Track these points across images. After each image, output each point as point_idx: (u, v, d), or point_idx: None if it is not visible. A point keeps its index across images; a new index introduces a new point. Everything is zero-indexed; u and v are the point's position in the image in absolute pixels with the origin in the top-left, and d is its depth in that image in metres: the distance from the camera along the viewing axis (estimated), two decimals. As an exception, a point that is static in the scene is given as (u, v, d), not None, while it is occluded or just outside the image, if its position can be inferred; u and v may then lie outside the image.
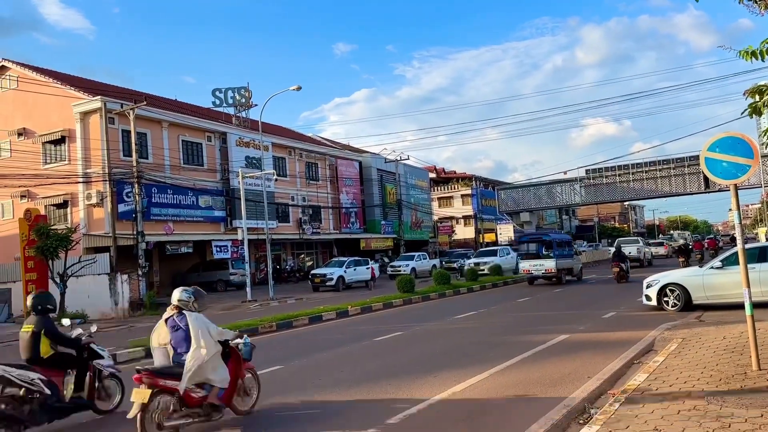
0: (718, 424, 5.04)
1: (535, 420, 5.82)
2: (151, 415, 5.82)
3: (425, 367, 9.12)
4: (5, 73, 32.75)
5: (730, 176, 7.18)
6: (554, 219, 75.67)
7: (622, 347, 9.46)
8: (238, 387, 6.71)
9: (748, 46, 6.24)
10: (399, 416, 6.38)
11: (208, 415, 6.33)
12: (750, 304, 7.02)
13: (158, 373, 6.07)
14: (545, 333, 11.71)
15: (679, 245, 34.52)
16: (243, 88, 39.22)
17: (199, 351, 6.18)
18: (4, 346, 16.84)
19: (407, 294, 22.10)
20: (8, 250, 30.14)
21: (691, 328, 10.70)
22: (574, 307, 16.70)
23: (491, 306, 18.26)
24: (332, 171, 46.05)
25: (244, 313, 21.36)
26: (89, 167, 28.65)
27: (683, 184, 48.88)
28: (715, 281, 13.17)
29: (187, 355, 6.16)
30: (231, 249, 32.22)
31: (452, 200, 72.54)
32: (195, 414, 6.19)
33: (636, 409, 5.67)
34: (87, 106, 29.04)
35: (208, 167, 34.99)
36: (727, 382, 6.44)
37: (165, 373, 6.08)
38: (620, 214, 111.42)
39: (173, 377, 6.04)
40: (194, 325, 6.27)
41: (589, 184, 52.01)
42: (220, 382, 6.36)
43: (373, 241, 47.08)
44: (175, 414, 6.01)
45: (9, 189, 28.79)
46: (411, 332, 13.41)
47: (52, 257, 22.87)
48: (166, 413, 5.95)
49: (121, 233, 27.07)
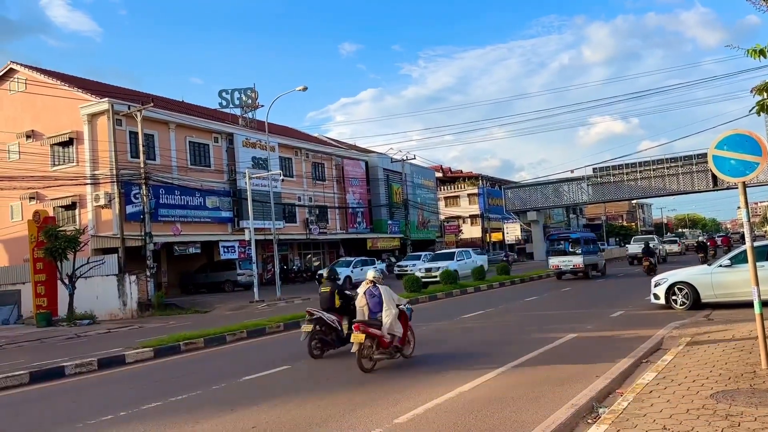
0: (728, 422, 5.02)
1: (543, 419, 5.81)
2: (364, 351, 8.97)
3: (432, 366, 9.12)
4: (14, 76, 32.97)
5: (738, 174, 7.14)
6: (561, 218, 75.37)
7: (631, 346, 9.42)
8: (407, 337, 9.74)
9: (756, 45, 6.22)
10: (405, 416, 6.38)
11: (391, 355, 9.39)
12: (759, 303, 6.98)
13: (367, 324, 9.08)
14: (553, 332, 11.68)
15: (699, 242, 37.45)
16: (249, 89, 39.32)
17: (391, 311, 9.22)
18: (16, 346, 16.96)
19: (414, 294, 22.09)
20: (17, 251, 30.37)
21: (699, 326, 10.64)
22: (581, 306, 16.64)
23: (499, 305, 18.22)
24: (339, 171, 46.08)
25: (252, 313, 21.41)
26: (97, 169, 28.80)
27: (691, 182, 48.60)
28: (724, 279, 13.10)
29: (383, 314, 9.22)
30: (238, 249, 32.29)
31: (459, 199, 72.48)
32: (386, 353, 9.25)
33: (645, 408, 5.65)
34: (94, 108, 29.18)
35: (215, 168, 35.11)
36: (736, 380, 6.41)
37: (370, 325, 9.10)
38: (628, 213, 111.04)
39: (375, 327, 9.09)
40: (386, 294, 9.36)
41: (596, 182, 51.78)
42: (399, 333, 9.35)
43: (380, 241, 47.09)
44: (375, 352, 9.11)
45: (18, 191, 28.97)
46: (418, 332, 13.38)
47: (60, 259, 23.00)
48: (371, 351, 9.08)
49: (129, 234, 27.19)
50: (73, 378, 10.74)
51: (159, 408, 7.66)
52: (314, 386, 8.34)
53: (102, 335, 18.48)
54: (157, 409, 7.60)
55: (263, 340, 14.26)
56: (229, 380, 9.18)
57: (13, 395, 9.55)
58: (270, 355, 11.90)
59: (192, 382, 9.29)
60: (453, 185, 73.87)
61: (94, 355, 12.16)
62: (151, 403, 7.93)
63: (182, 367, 11.05)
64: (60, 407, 8.45)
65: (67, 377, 10.82)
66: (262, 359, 11.24)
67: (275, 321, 16.15)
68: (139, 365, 11.70)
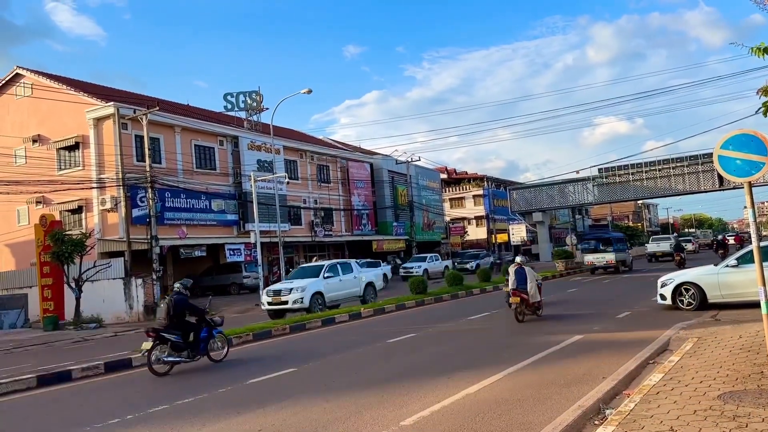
0: (735, 423, 5.00)
1: (550, 421, 5.80)
2: (519, 308, 13.89)
3: (439, 368, 9.11)
4: (20, 81, 33.15)
5: (744, 174, 7.10)
6: (567, 218, 75.17)
7: (637, 347, 9.38)
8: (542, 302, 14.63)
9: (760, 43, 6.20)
10: (412, 418, 6.38)
11: (533, 313, 14.35)
12: (766, 303, 6.94)
13: (520, 290, 13.98)
14: (559, 333, 11.65)
15: (718, 240, 41.50)
16: (254, 92, 39.41)
17: (533, 283, 14.23)
18: (24, 350, 17.04)
19: (420, 295, 22.06)
20: (24, 255, 30.52)
21: (706, 327, 10.59)
22: (588, 307, 16.59)
23: (505, 306, 18.15)
24: (343, 173, 46.13)
25: (258, 315, 21.44)
26: (103, 173, 28.92)
27: (697, 182, 48.31)
28: (731, 280, 13.04)
29: (528, 285, 14.07)
30: (244, 252, 32.37)
31: (464, 201, 72.39)
32: (532, 310, 14.27)
33: (651, 410, 5.63)
34: (100, 112, 29.32)
35: (221, 171, 35.20)
36: (743, 381, 6.38)
37: (521, 291, 13.95)
38: (634, 213, 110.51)
39: (524, 293, 13.93)
40: (529, 273, 14.36)
41: (602, 183, 51.54)
42: (538, 299, 14.34)
43: (385, 243, 47.09)
44: (527, 309, 14.08)
45: (24, 195, 29.12)
46: (424, 334, 13.40)
47: (67, 262, 23.11)
48: (522, 308, 13.92)
49: (135, 238, 27.29)
50: (81, 381, 10.78)
51: (165, 411, 7.68)
52: (320, 388, 8.34)
53: (109, 339, 18.55)
54: (163, 413, 7.62)
55: (269, 343, 14.28)
56: (235, 383, 9.20)
57: (21, 399, 9.61)
58: (276, 357, 11.91)
59: (198, 385, 9.31)
60: (458, 187, 73.80)
61: (101, 359, 12.22)
62: (157, 406, 7.95)
63: (188, 370, 11.07)
64: (67, 411, 8.49)
65: (75, 381, 10.86)
66: (268, 362, 11.26)
67: (281, 323, 16.17)
68: (146, 368, 11.72)
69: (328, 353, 11.69)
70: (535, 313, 14.29)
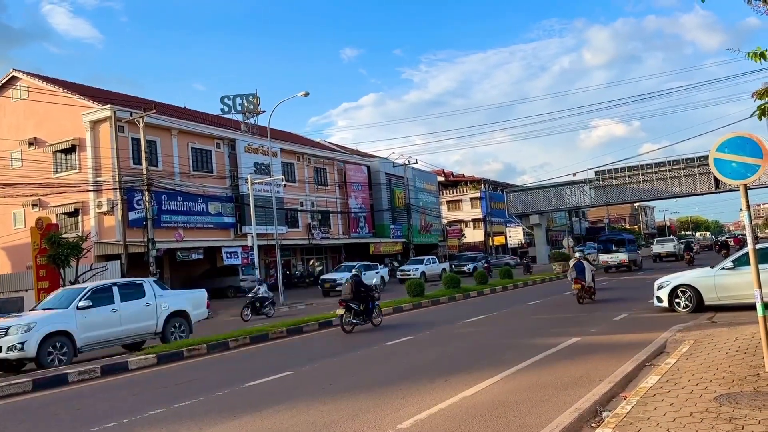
0: (731, 426, 5.01)
1: (547, 424, 5.81)
2: (580, 294, 17.52)
3: (436, 371, 9.11)
4: (16, 84, 33.12)
5: (739, 177, 7.12)
6: (564, 221, 75.32)
7: (634, 349, 9.40)
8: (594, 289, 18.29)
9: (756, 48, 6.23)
10: (409, 421, 6.37)
11: (590, 297, 17.78)
12: (762, 305, 6.96)
13: (580, 278, 17.46)
14: (556, 336, 11.66)
15: (721, 242, 45.20)
16: (251, 95, 39.44)
17: (590, 273, 17.81)
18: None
19: (417, 298, 22.04)
20: (20, 259, 30.44)
21: (702, 329, 10.61)
22: (585, 309, 16.61)
23: (502, 309, 18.21)
24: (341, 176, 46.15)
25: (255, 318, 21.43)
26: (100, 175, 28.89)
27: (693, 185, 48.46)
28: (727, 282, 13.06)
29: (586, 275, 17.47)
30: (241, 255, 32.34)
31: (461, 203, 72.51)
32: (589, 295, 17.74)
33: (648, 412, 5.64)
34: (97, 115, 29.30)
35: (218, 174, 35.19)
36: (739, 383, 6.39)
37: (582, 278, 17.46)
38: (630, 216, 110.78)
39: (583, 281, 17.48)
40: (587, 266, 17.83)
41: (598, 185, 51.66)
42: (594, 286, 18.12)
43: (383, 246, 47.10)
44: (586, 294, 17.62)
45: (21, 198, 29.07)
46: (421, 336, 13.40)
47: (63, 265, 23.05)
48: (583, 293, 17.53)
49: (132, 241, 27.24)
50: (77, 385, 10.75)
51: (162, 415, 7.66)
52: (318, 391, 8.33)
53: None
54: (160, 416, 7.60)
55: (266, 346, 14.26)
56: (232, 386, 9.18)
57: (16, 402, 9.56)
58: (273, 360, 11.90)
59: (195, 389, 9.29)
60: (455, 189, 73.92)
61: (97, 362, 12.18)
62: (154, 409, 7.93)
63: (185, 374, 11.05)
64: (63, 414, 8.45)
65: (71, 384, 10.82)
66: (265, 365, 11.24)
67: (278, 326, 16.15)
68: (142, 372, 11.70)
69: (325, 356, 11.68)
70: (591, 297, 17.77)
